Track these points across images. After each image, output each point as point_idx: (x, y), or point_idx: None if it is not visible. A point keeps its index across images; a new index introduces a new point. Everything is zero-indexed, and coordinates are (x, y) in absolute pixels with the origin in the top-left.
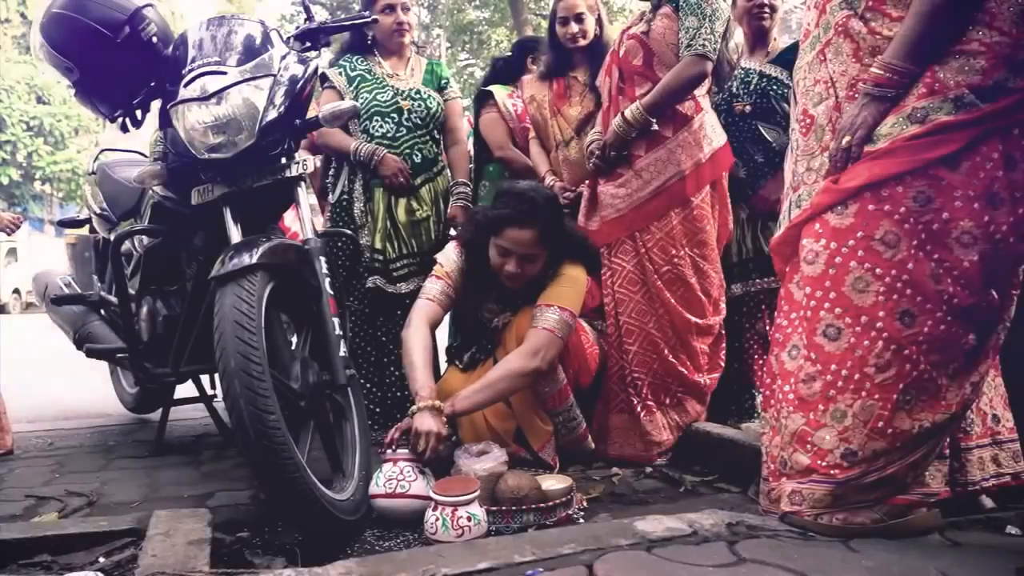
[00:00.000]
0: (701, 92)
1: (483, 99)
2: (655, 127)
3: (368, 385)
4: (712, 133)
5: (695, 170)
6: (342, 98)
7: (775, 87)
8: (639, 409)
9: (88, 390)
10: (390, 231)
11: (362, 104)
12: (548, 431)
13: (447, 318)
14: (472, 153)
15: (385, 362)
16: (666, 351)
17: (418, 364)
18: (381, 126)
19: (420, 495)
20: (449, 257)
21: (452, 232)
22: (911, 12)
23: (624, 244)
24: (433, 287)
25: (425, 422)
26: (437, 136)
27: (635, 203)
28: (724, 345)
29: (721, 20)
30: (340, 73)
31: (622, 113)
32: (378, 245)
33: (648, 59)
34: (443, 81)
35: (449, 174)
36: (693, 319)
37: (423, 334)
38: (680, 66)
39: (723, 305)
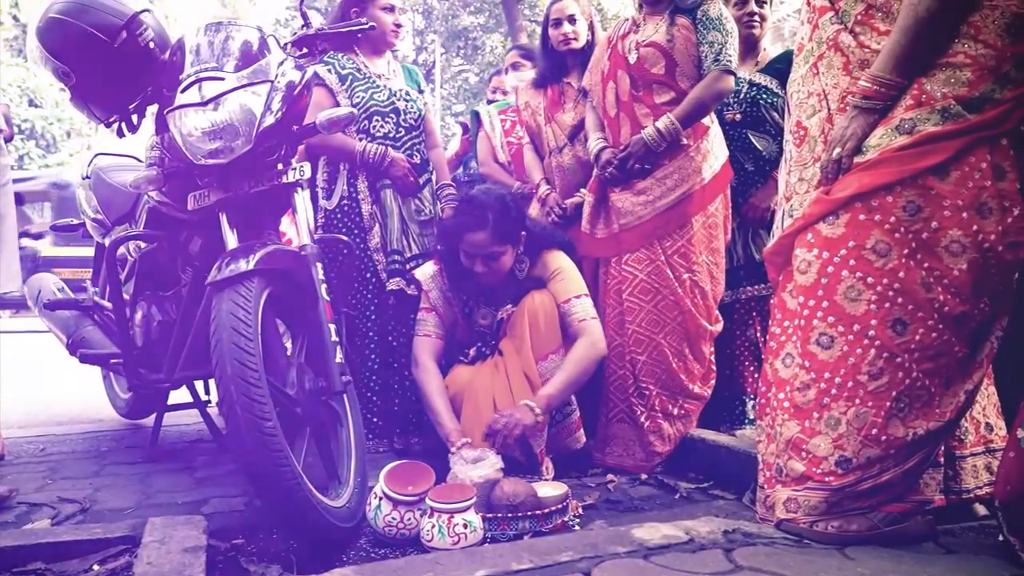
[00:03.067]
0: None
1: (477, 117)
2: (684, 140)
3: (369, 395)
4: (722, 143)
5: (713, 178)
6: (334, 96)
7: (765, 96)
8: (644, 419)
9: (81, 395)
10: (401, 231)
11: (358, 103)
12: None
13: None
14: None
15: (396, 367)
16: (673, 362)
17: (440, 408)
18: (382, 126)
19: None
20: (427, 276)
21: None
22: (897, 26)
23: (637, 252)
24: (427, 321)
25: (468, 470)
26: (423, 137)
27: (658, 210)
28: (713, 353)
29: (736, 36)
30: (330, 71)
31: (655, 126)
32: (395, 245)
33: (671, 69)
34: (420, 85)
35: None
36: (708, 326)
37: (434, 373)
38: (710, 80)
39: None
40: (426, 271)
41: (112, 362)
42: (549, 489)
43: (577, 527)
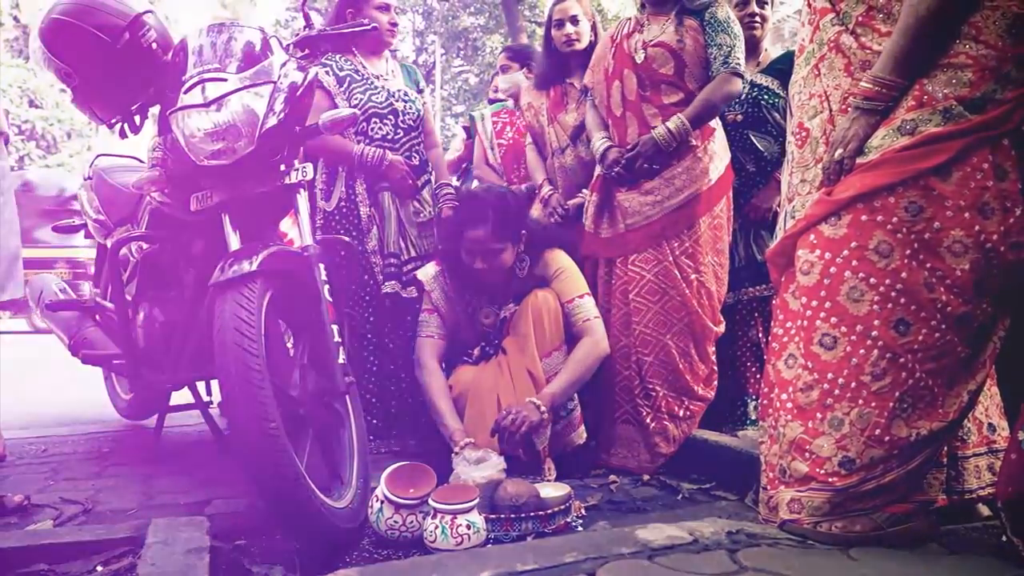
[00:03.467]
0: None
1: (474, 121)
2: (693, 141)
3: (368, 396)
4: (725, 145)
5: (718, 179)
6: (332, 98)
7: (766, 96)
8: (649, 421)
9: (82, 396)
10: (399, 234)
11: (356, 105)
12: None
13: None
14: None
15: (392, 368)
16: (679, 363)
17: (443, 409)
18: (380, 128)
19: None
20: (429, 276)
21: None
22: (898, 27)
23: (645, 253)
24: (429, 322)
25: (471, 471)
26: (422, 138)
27: (667, 210)
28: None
29: (742, 38)
30: (328, 72)
31: (666, 126)
32: (393, 248)
33: (680, 70)
34: (419, 85)
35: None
36: (712, 327)
37: (436, 373)
38: (719, 82)
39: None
40: (428, 272)
41: (114, 363)
42: (552, 490)
43: (580, 528)
